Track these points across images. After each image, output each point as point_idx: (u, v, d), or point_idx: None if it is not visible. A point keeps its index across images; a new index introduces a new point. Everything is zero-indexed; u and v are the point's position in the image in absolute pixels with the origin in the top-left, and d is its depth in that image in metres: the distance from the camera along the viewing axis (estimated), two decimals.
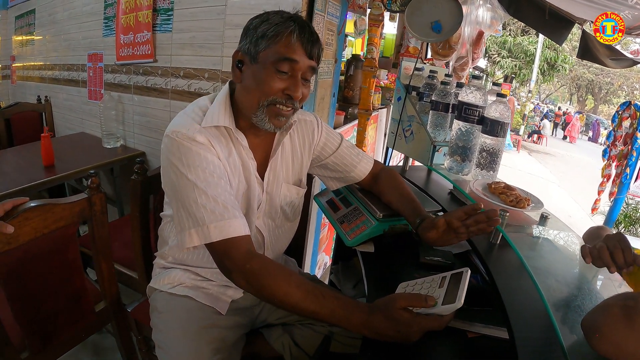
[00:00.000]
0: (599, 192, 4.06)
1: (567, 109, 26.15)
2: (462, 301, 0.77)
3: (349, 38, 4.95)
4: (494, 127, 1.32)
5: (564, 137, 20.95)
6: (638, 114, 3.47)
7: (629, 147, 3.55)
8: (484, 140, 1.36)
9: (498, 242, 1.11)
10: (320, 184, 1.72)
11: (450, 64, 2.84)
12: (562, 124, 22.08)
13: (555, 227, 1.22)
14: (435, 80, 1.70)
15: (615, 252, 0.90)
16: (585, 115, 23.83)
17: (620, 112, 3.74)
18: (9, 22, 4.36)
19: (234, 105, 1.09)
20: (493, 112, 1.33)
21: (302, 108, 1.13)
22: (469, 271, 0.84)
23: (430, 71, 1.76)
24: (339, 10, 1.99)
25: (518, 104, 17.55)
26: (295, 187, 1.25)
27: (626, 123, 3.62)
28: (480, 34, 2.66)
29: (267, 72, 0.99)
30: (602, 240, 0.94)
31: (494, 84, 1.53)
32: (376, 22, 2.15)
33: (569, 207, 7.63)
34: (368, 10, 2.25)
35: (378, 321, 0.81)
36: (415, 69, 1.79)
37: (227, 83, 1.13)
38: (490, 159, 1.37)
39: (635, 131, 3.49)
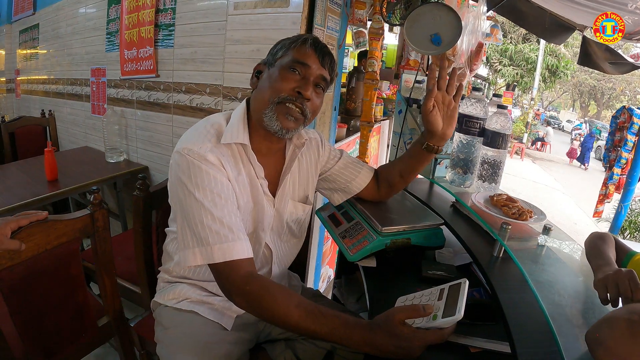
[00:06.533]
0: (600, 196, 4.07)
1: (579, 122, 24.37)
2: (462, 313, 0.76)
3: (350, 50, 4.97)
4: (495, 139, 1.32)
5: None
6: (632, 118, 3.51)
7: (620, 149, 3.60)
8: (485, 152, 1.36)
9: (501, 255, 1.10)
10: (322, 198, 1.72)
11: None
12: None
13: (558, 239, 1.21)
14: None
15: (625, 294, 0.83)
16: None
17: (617, 117, 3.78)
18: (14, 36, 4.41)
19: (249, 123, 1.11)
20: (494, 123, 1.33)
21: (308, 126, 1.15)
22: (467, 282, 0.83)
23: None
24: (339, 24, 1.99)
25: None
26: (301, 204, 1.26)
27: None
28: (480, 46, 2.66)
29: (280, 72, 1.05)
30: (613, 278, 0.87)
31: (495, 95, 1.53)
32: (376, 35, 2.16)
33: (575, 214, 7.59)
34: (369, 24, 2.26)
35: (379, 338, 0.81)
36: (416, 81, 1.80)
37: (244, 100, 1.16)
38: (492, 171, 1.37)
39: (626, 134, 3.54)
